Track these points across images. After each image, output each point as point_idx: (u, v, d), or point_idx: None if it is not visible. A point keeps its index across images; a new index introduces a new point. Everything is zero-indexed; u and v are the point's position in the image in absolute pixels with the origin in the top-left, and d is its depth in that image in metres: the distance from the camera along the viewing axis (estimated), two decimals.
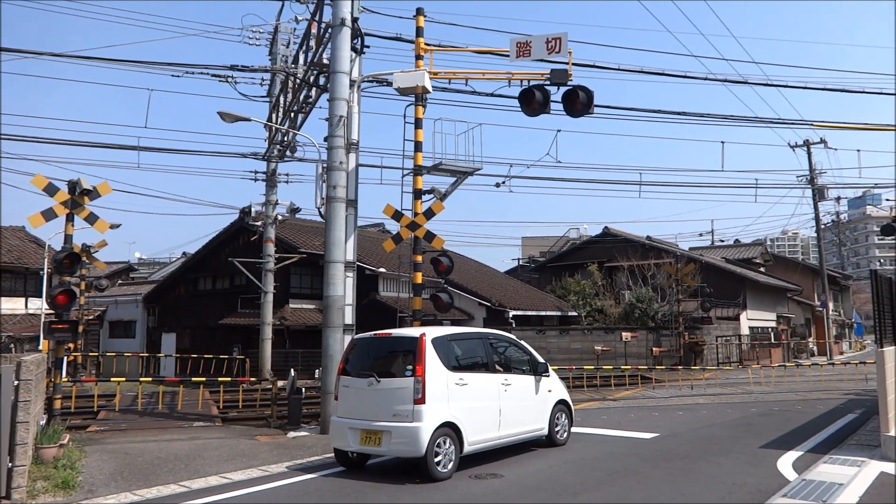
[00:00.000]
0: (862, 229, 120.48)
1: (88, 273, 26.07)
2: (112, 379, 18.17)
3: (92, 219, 12.05)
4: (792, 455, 8.94)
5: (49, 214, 11.60)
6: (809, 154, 36.94)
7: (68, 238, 11.98)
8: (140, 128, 51.57)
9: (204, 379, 16.05)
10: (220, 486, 7.80)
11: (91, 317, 32.34)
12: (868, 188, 39.19)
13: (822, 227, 39.64)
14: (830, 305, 40.16)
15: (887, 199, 25.11)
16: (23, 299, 29.47)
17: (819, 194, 37.17)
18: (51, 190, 11.62)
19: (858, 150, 47.93)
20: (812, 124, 26.11)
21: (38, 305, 27.54)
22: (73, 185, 11.78)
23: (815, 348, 41.78)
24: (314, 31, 15.72)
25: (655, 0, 16.65)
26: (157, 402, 16.67)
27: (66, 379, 15.68)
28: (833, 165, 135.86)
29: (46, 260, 26.39)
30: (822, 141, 36.70)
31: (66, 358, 17.64)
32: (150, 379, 20.60)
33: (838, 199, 45.41)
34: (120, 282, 42.18)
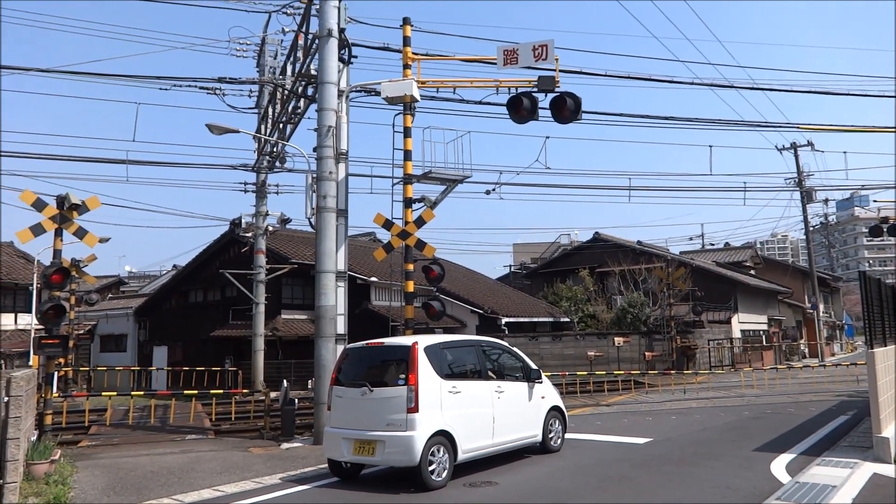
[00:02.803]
0: (850, 231, 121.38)
1: (78, 287, 25.94)
2: (103, 393, 18.06)
3: (81, 233, 11.99)
4: (785, 458, 8.98)
5: (37, 230, 11.53)
6: (797, 156, 37.22)
7: (57, 253, 11.90)
8: (129, 141, 51.17)
9: (196, 391, 15.96)
10: (214, 499, 7.78)
11: (81, 331, 32.19)
12: (855, 190, 39.29)
13: (811, 229, 39.92)
14: (821, 307, 40.39)
15: (875, 201, 25.28)
16: (12, 315, 29.30)
17: (807, 196, 37.43)
18: (39, 205, 11.55)
19: (845, 152, 48.24)
20: (799, 127, 26.15)
21: (28, 321, 27.35)
22: (61, 200, 11.71)
23: (806, 350, 41.99)
24: (301, 42, 15.75)
25: (639, 1, 16.76)
26: (148, 416, 16.54)
27: (56, 394, 15.55)
28: (820, 167, 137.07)
29: (36, 275, 26.23)
30: (809, 143, 37.00)
31: (56, 373, 17.49)
32: (141, 393, 20.50)
33: (826, 201, 45.63)
34: (110, 296, 42.00)
